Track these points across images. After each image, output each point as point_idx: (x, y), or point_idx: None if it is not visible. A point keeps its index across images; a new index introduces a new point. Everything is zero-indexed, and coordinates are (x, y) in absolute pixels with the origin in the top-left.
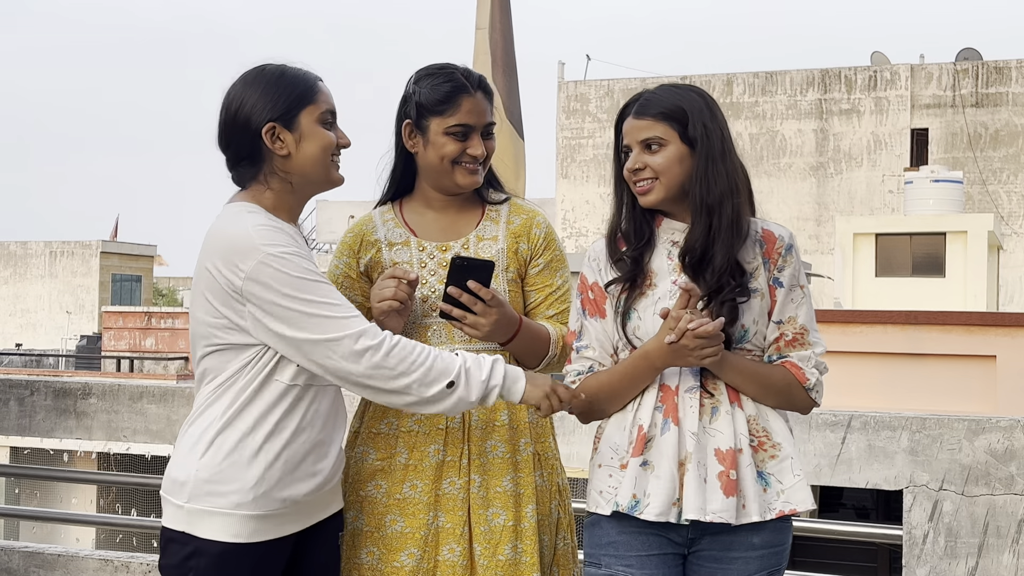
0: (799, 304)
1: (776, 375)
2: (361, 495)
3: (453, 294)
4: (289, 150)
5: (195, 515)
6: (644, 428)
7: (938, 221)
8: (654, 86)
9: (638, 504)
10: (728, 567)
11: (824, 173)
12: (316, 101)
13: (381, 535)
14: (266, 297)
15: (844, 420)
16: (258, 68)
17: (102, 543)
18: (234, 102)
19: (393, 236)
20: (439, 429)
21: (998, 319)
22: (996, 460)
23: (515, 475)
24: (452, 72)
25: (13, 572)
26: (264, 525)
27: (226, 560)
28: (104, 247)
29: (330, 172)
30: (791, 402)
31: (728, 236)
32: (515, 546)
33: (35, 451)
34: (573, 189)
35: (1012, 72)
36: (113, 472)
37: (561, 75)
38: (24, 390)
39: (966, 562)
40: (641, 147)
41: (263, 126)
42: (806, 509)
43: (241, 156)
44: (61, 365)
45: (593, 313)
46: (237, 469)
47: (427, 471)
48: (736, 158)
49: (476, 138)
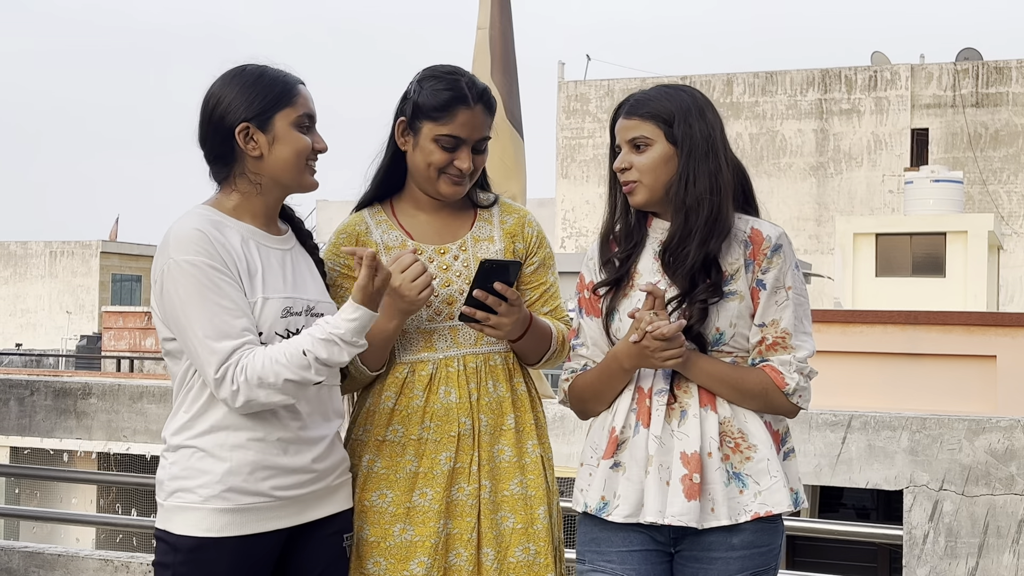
0: (783, 307)
1: (751, 379)
2: (365, 505)
3: (479, 297)
4: (262, 151)
5: (171, 511)
6: (617, 430)
7: (938, 221)
8: (649, 87)
9: (607, 506)
10: (708, 567)
11: (824, 173)
12: (293, 104)
13: (388, 545)
14: (162, 300)
15: (844, 420)
16: (239, 67)
17: (102, 543)
18: (211, 100)
19: (389, 239)
20: (451, 436)
21: (998, 319)
22: (996, 460)
23: (523, 478)
24: (457, 80)
25: (13, 572)
26: (239, 519)
27: (199, 554)
28: (104, 247)
29: (303, 177)
30: (771, 406)
31: (704, 235)
32: (527, 548)
33: (35, 451)
34: (573, 189)
35: (1012, 72)
36: (113, 472)
37: (561, 75)
38: (24, 390)
39: (966, 562)
40: (629, 146)
41: (237, 125)
42: (783, 511)
43: (215, 154)
44: (61, 365)
45: (589, 312)
46: (204, 464)
47: (438, 479)
48: (725, 158)
49: (465, 151)
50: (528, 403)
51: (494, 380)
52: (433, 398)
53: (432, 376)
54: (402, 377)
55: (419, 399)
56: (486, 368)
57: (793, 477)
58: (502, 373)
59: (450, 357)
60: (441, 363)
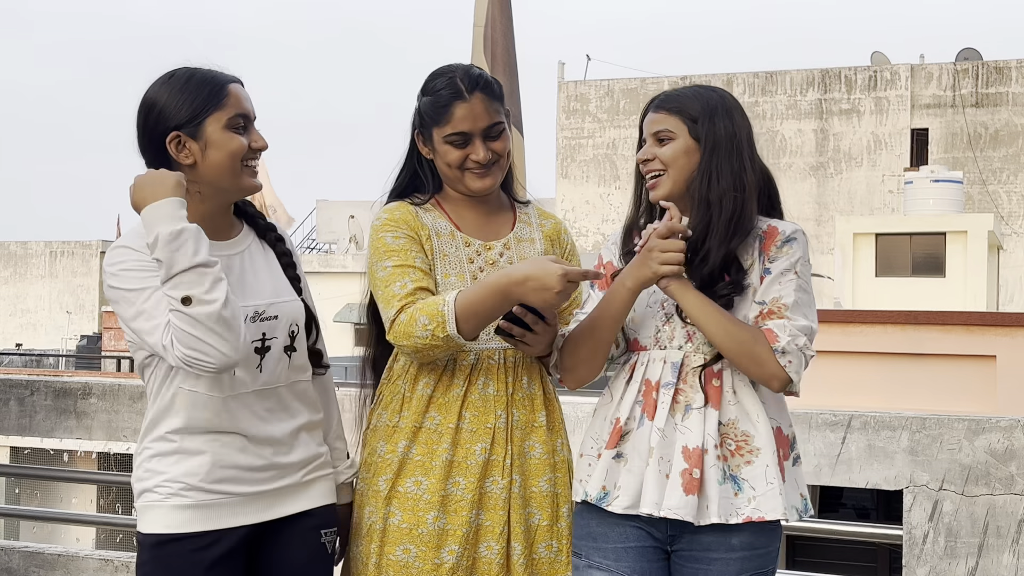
0: (785, 285)
1: (742, 326)
2: (400, 491)
3: (518, 313)
4: (195, 159)
5: (141, 512)
6: (621, 421)
7: (938, 221)
8: (674, 86)
9: (607, 496)
10: (708, 567)
11: (824, 173)
12: (223, 106)
13: (420, 533)
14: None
15: (844, 420)
16: (169, 73)
17: (102, 543)
18: (143, 108)
19: (439, 227)
20: (487, 428)
21: (998, 319)
22: (996, 460)
23: (553, 476)
24: (451, 77)
25: (13, 572)
26: (199, 515)
27: (160, 551)
28: (104, 247)
29: (241, 179)
30: (757, 361)
31: (724, 232)
32: (551, 545)
33: (35, 451)
34: (573, 189)
35: (1012, 72)
36: (113, 472)
37: (561, 75)
38: (24, 390)
39: (966, 562)
40: (654, 139)
41: (167, 135)
42: (776, 518)
43: (154, 164)
44: (61, 365)
45: (602, 288)
46: (163, 465)
47: (472, 469)
48: (749, 159)
49: (476, 142)
50: (556, 402)
51: (529, 377)
52: (472, 388)
53: (473, 366)
54: (442, 365)
55: (459, 388)
56: (524, 364)
57: (802, 483)
58: (536, 371)
59: (491, 349)
60: (483, 354)
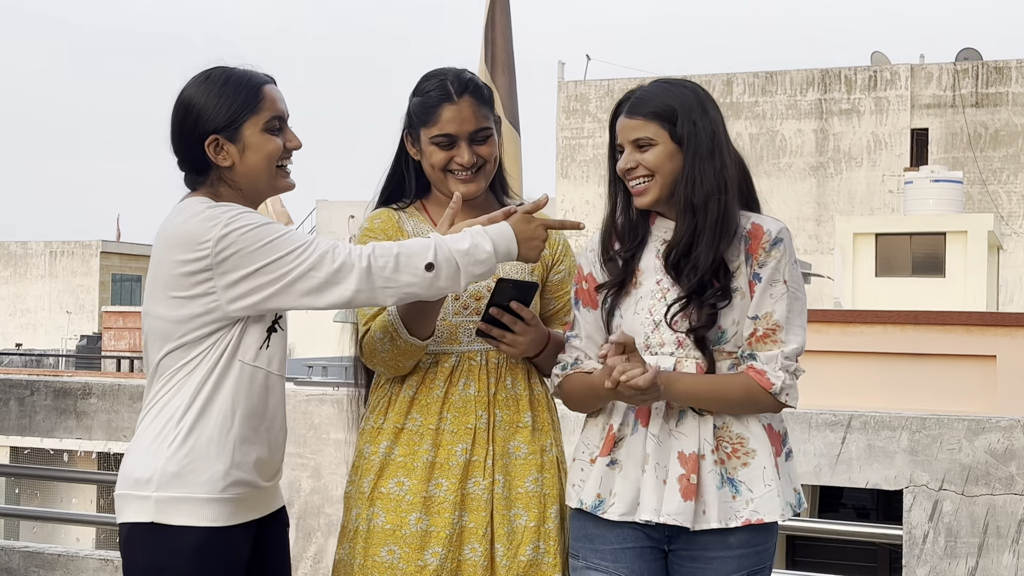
0: (778, 299)
1: (735, 387)
2: (382, 492)
3: (495, 314)
4: (233, 161)
5: (165, 504)
6: (615, 428)
7: (938, 221)
8: (648, 82)
9: (602, 503)
10: (707, 567)
11: (824, 173)
12: (260, 110)
13: (403, 534)
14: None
15: (844, 420)
16: (205, 73)
17: (102, 543)
18: (180, 109)
19: (421, 231)
20: (467, 429)
21: (998, 319)
22: (996, 460)
23: (540, 476)
24: (442, 79)
25: (13, 572)
26: (235, 509)
27: (204, 546)
28: (104, 247)
29: (276, 180)
30: (758, 408)
31: (713, 236)
32: (537, 547)
33: (35, 451)
34: (573, 189)
35: (1012, 72)
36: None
37: (561, 75)
38: (24, 390)
39: (966, 562)
40: (633, 146)
41: (206, 138)
42: (774, 519)
43: (188, 163)
44: (61, 365)
45: (587, 304)
46: (208, 456)
47: (454, 470)
48: (728, 155)
49: (462, 145)
50: (545, 403)
51: (513, 377)
52: (453, 390)
53: (454, 368)
54: (424, 367)
55: (439, 390)
56: (507, 365)
57: (795, 477)
58: (521, 372)
59: (473, 351)
60: (464, 356)
